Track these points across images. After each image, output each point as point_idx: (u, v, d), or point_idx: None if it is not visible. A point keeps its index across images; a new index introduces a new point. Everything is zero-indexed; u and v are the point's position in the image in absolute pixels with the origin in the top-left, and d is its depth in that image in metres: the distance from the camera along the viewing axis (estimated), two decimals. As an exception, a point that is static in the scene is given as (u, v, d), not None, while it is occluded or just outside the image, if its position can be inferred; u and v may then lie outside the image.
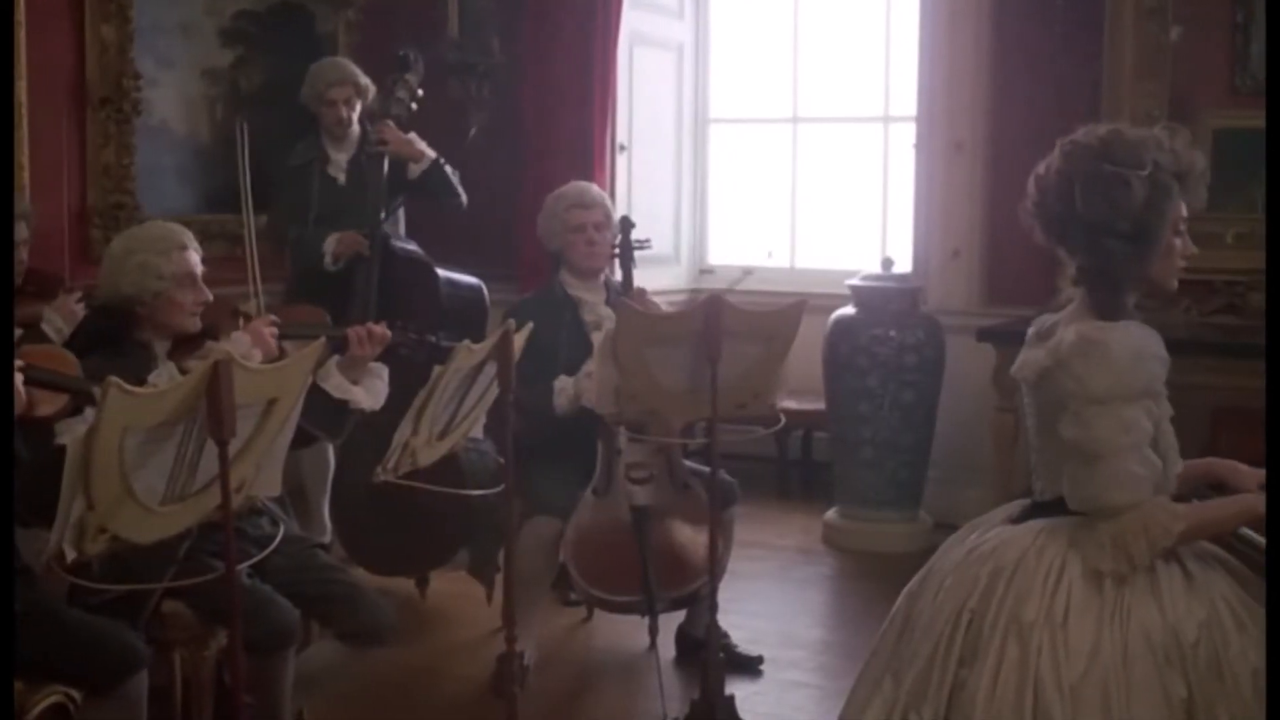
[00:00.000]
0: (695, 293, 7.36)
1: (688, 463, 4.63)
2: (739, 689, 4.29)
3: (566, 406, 4.49)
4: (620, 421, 4.26)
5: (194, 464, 2.75)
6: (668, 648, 4.82)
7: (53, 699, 3.17)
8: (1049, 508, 2.82)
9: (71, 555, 2.66)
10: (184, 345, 3.64)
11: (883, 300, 6.19)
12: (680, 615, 4.80)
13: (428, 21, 6.92)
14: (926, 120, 6.55)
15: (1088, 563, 2.66)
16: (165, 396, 2.66)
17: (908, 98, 6.88)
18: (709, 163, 7.87)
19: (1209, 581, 2.68)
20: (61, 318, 4.09)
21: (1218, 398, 5.03)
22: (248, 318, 3.86)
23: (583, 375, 4.45)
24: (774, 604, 5.50)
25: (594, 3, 6.69)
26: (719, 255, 7.85)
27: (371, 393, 3.76)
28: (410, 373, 3.56)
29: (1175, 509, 2.67)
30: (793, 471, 7.28)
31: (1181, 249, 2.79)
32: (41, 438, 3.08)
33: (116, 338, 3.59)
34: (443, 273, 5.48)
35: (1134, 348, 2.67)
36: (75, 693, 3.19)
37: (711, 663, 4.08)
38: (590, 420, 4.40)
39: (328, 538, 5.41)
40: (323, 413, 3.60)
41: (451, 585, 5.37)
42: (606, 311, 4.59)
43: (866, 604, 5.22)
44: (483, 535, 5.01)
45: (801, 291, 4.77)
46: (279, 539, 3.38)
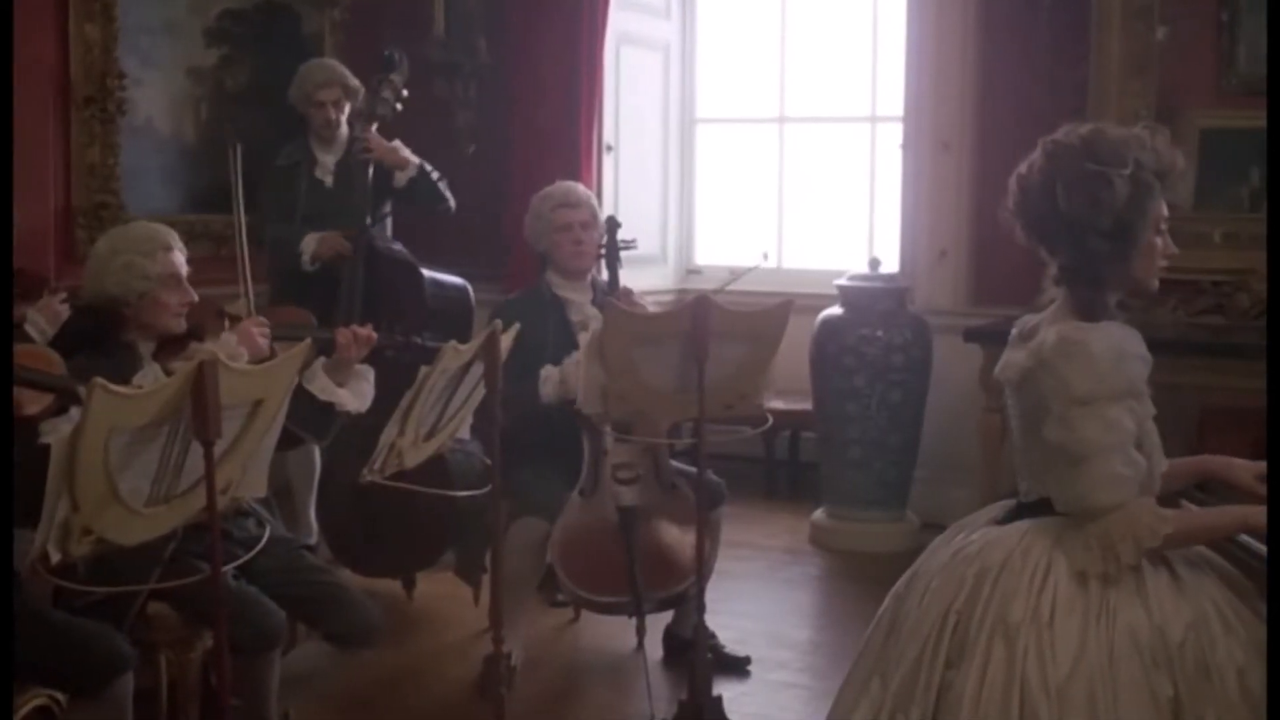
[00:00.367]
0: (682, 293, 7.36)
1: (675, 463, 4.63)
2: (726, 689, 4.28)
3: (553, 394, 4.47)
4: (607, 421, 4.26)
5: (179, 465, 2.74)
6: (655, 648, 4.82)
7: (38, 701, 3.16)
8: (1035, 508, 2.82)
9: (56, 557, 2.64)
10: (169, 346, 3.64)
11: (870, 300, 6.19)
12: (667, 616, 4.80)
13: (414, 21, 6.91)
14: (913, 120, 6.56)
15: (1074, 564, 2.67)
16: (151, 397, 2.65)
17: (895, 98, 6.89)
18: (696, 163, 7.87)
19: (1198, 584, 2.68)
20: (45, 318, 4.06)
21: (1205, 397, 5.04)
22: (234, 319, 3.86)
23: (569, 363, 4.44)
24: (761, 604, 5.49)
25: (580, 2, 6.68)
26: (706, 256, 7.85)
27: (357, 395, 3.76)
28: (397, 374, 3.55)
29: (1163, 512, 2.67)
30: (780, 472, 7.27)
31: (1163, 248, 2.80)
32: (27, 437, 3.07)
33: (101, 338, 3.58)
34: (428, 273, 5.47)
35: (1115, 348, 2.67)
36: (60, 695, 3.18)
37: (699, 663, 4.08)
38: (574, 420, 4.39)
39: (314, 539, 5.42)
40: (309, 414, 3.59)
41: (438, 586, 5.36)
42: (593, 311, 4.58)
43: (854, 604, 5.22)
44: (469, 536, 5.00)
45: (789, 292, 4.76)
46: (265, 540, 3.38)
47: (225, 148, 4.65)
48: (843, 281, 6.30)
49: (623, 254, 4.84)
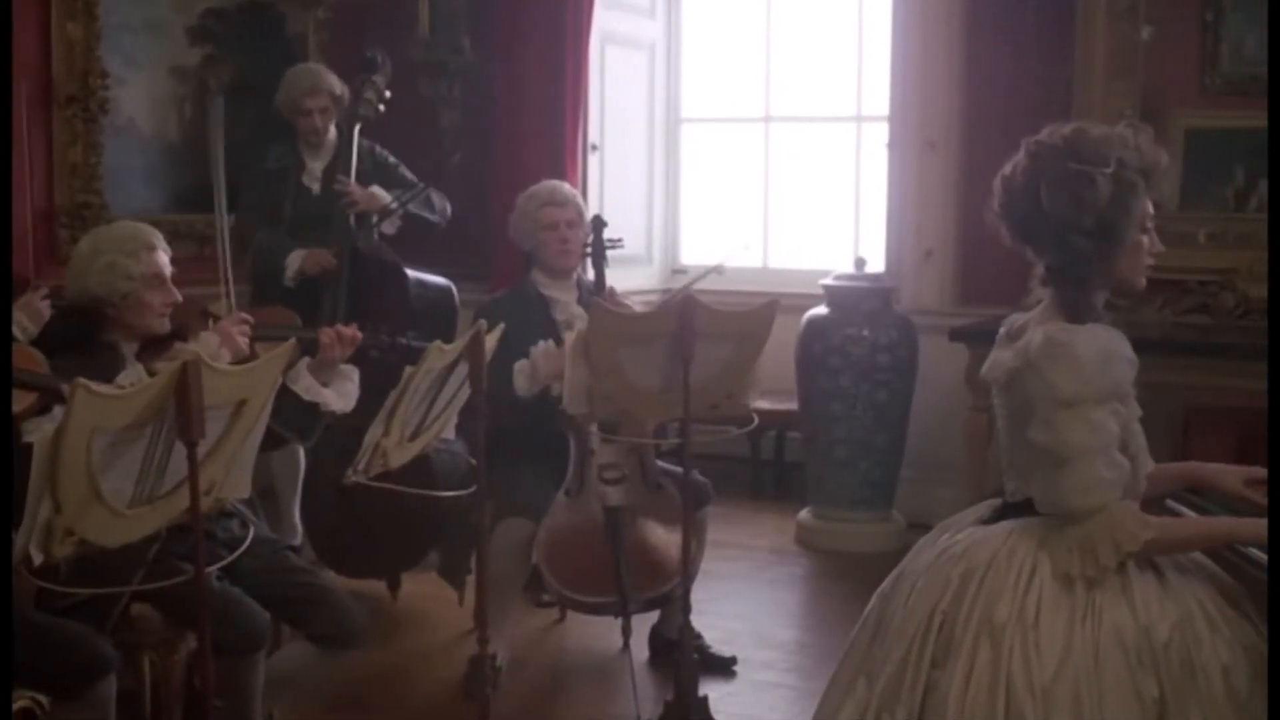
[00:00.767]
0: (668, 293, 7.34)
1: (660, 463, 4.62)
2: (713, 690, 4.28)
3: (526, 386, 4.44)
4: (592, 421, 4.25)
5: (163, 466, 2.73)
6: (641, 649, 4.81)
7: (20, 704, 3.15)
8: (1020, 508, 2.82)
9: (39, 558, 2.63)
10: (152, 346, 3.62)
11: (856, 300, 6.19)
12: (653, 616, 4.79)
13: (398, 20, 6.90)
14: (899, 120, 6.56)
15: (1056, 566, 2.66)
16: (134, 398, 2.64)
17: (880, 97, 6.89)
18: (681, 162, 7.87)
19: (1183, 584, 2.68)
20: (28, 316, 4.04)
21: (1190, 397, 5.06)
22: (217, 319, 3.84)
23: (536, 351, 4.42)
24: (747, 604, 5.49)
25: (565, 2, 6.67)
26: (691, 255, 7.85)
27: (342, 395, 3.75)
28: (381, 374, 3.54)
29: (1145, 517, 2.67)
30: (766, 472, 7.27)
31: (1149, 246, 2.80)
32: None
33: (84, 339, 3.57)
34: (412, 273, 5.45)
35: (1101, 350, 2.67)
36: (43, 697, 3.17)
37: (685, 664, 4.08)
38: (558, 419, 4.38)
39: (298, 540, 5.40)
40: (293, 415, 3.58)
41: (423, 587, 5.35)
42: (579, 310, 4.57)
43: (840, 604, 5.23)
44: (454, 537, 4.99)
45: (774, 291, 4.77)
46: (249, 541, 3.37)
47: (207, 140, 4.62)
48: (828, 281, 6.30)
49: (608, 253, 4.83)
